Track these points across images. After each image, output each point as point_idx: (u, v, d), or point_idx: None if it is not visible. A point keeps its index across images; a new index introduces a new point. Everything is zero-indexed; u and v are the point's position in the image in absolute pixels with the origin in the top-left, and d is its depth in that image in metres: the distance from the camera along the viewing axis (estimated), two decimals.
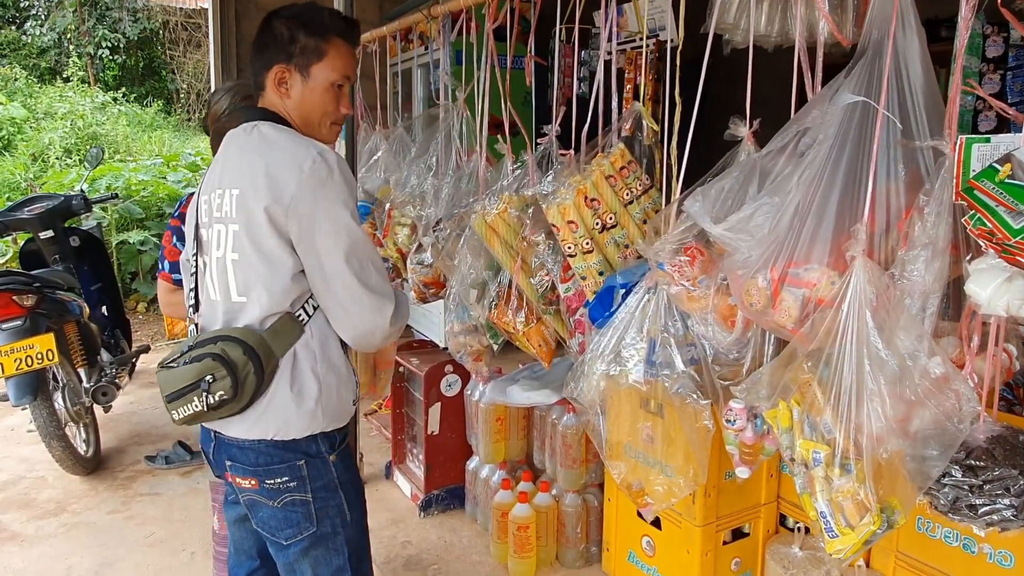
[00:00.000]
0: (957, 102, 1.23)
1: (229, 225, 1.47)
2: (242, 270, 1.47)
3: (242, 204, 1.45)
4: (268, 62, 1.55)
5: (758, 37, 1.83)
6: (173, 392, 1.43)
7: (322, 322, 1.53)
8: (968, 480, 1.26)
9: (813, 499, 1.35)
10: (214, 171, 1.56)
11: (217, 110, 1.91)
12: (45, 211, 3.78)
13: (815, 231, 1.35)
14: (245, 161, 1.47)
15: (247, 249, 1.45)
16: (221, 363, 1.39)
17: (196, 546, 2.92)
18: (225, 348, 1.41)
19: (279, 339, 1.47)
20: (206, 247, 1.55)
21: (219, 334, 1.45)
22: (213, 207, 1.52)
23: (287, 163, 1.43)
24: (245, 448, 1.51)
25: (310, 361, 1.50)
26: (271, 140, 1.48)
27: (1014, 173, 1.09)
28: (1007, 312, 1.11)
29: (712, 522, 2.19)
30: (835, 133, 1.35)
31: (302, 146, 1.46)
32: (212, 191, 1.53)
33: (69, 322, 3.44)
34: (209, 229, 1.53)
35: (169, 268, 1.97)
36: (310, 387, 1.49)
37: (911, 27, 1.34)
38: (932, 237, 1.21)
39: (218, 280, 1.51)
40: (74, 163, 8.86)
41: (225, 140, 1.57)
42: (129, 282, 6.79)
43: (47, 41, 11.85)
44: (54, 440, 3.26)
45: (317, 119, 1.58)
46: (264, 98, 1.58)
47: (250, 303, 1.47)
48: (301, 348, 1.49)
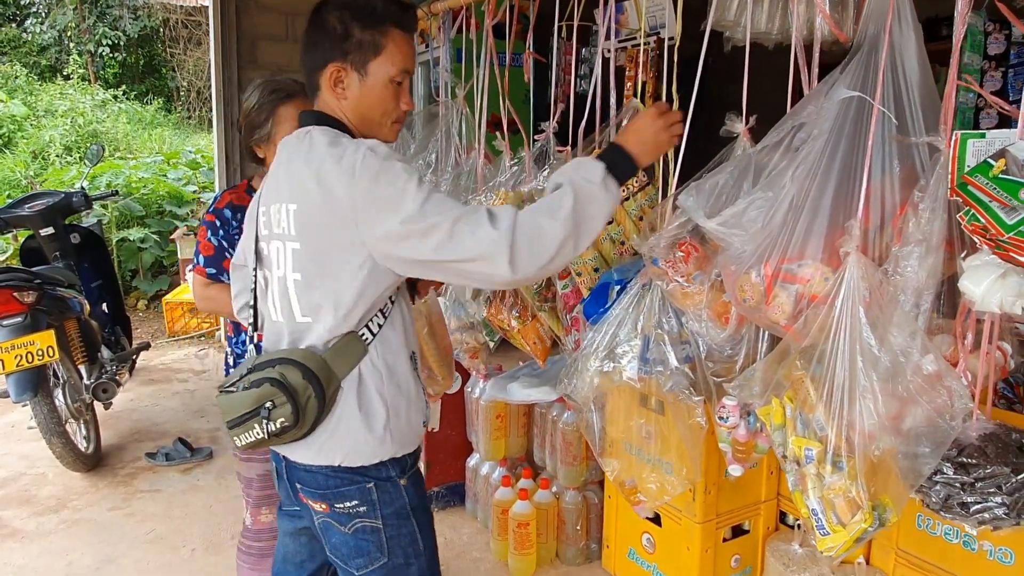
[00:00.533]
0: (953, 97, 1.23)
1: (288, 243, 1.38)
2: (305, 291, 1.38)
3: (300, 220, 1.36)
4: (321, 60, 1.42)
5: (758, 34, 1.83)
6: (233, 419, 1.37)
7: (388, 340, 1.43)
8: (960, 478, 1.26)
9: (805, 497, 1.36)
10: (272, 181, 1.46)
11: (248, 106, 1.91)
12: (46, 208, 3.79)
13: (809, 227, 1.34)
14: (297, 171, 1.37)
15: (309, 269, 1.37)
16: (280, 389, 1.32)
17: (197, 543, 2.93)
18: (284, 372, 1.33)
19: (341, 360, 1.38)
20: (266, 263, 1.46)
21: (278, 356, 1.37)
22: (272, 221, 1.42)
23: (338, 171, 1.30)
24: (313, 472, 1.44)
25: (376, 383, 1.41)
26: (320, 147, 1.35)
27: (1008, 168, 1.08)
28: (1001, 309, 1.10)
29: (712, 519, 2.19)
30: (830, 128, 1.35)
31: (351, 146, 1.32)
32: (270, 203, 1.43)
33: (70, 319, 3.45)
34: (268, 244, 1.45)
35: (204, 263, 1.95)
36: (378, 410, 1.41)
37: (907, 22, 1.33)
38: (926, 233, 1.21)
39: (280, 301, 1.43)
40: (74, 160, 8.86)
41: (279, 147, 1.48)
42: (129, 279, 6.81)
43: (47, 39, 11.85)
44: (55, 437, 3.26)
45: (377, 118, 1.45)
46: (320, 99, 1.45)
47: (315, 323, 1.38)
48: (367, 369, 1.40)
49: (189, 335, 5.88)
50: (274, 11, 5.25)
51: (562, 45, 2.72)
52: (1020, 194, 1.06)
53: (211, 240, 1.95)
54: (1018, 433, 1.29)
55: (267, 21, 5.25)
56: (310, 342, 1.39)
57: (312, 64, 1.44)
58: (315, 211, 1.33)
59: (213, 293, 1.96)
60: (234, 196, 1.97)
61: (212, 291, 1.97)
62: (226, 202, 1.97)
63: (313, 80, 1.45)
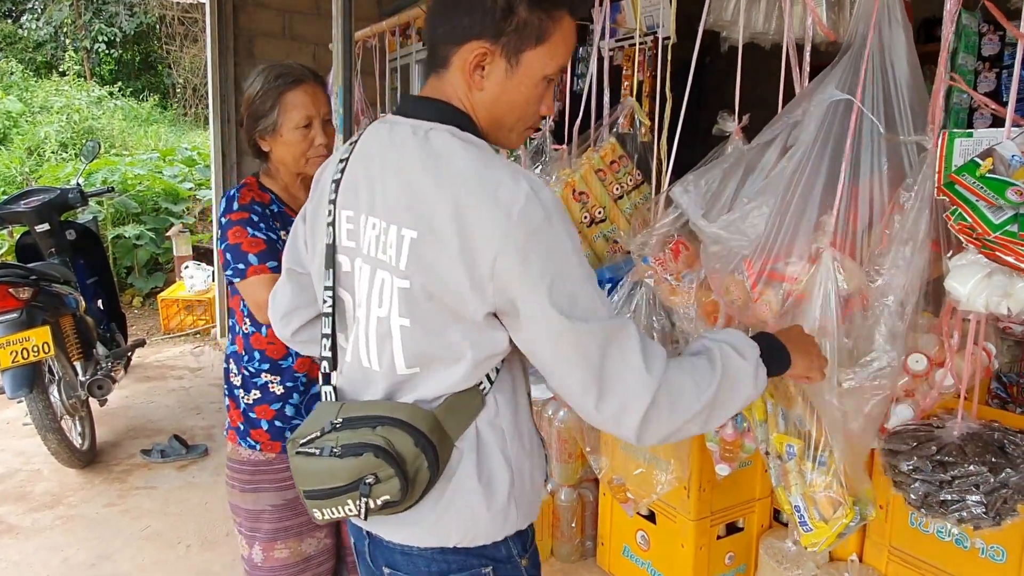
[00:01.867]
0: (941, 96, 1.24)
1: (395, 278, 1.06)
2: (417, 341, 1.07)
3: (418, 254, 1.03)
4: (464, 33, 1.07)
5: (755, 34, 1.84)
6: (320, 490, 1.08)
7: (507, 386, 1.15)
8: (937, 476, 1.27)
9: (787, 493, 1.37)
10: (358, 180, 1.12)
11: (250, 94, 1.68)
12: (41, 204, 3.78)
13: (797, 226, 1.35)
14: (419, 187, 1.03)
15: (422, 315, 1.05)
16: (387, 460, 1.04)
17: (192, 539, 2.93)
18: (390, 438, 1.05)
19: (456, 418, 1.10)
20: (352, 287, 1.15)
21: (379, 413, 1.08)
22: (365, 238, 1.10)
23: (487, 203, 0.99)
24: (414, 555, 1.15)
25: (499, 442, 1.13)
26: (458, 162, 1.03)
27: (995, 167, 1.09)
28: (986, 308, 1.12)
29: (706, 516, 2.20)
30: (818, 128, 1.36)
31: (506, 175, 1.01)
32: (361, 212, 1.11)
33: (65, 315, 3.45)
34: (355, 263, 1.13)
35: (260, 259, 1.61)
36: (501, 476, 1.13)
37: (896, 22, 1.34)
38: (912, 232, 1.22)
39: (377, 346, 1.11)
40: (70, 157, 8.85)
41: (375, 133, 1.14)
42: (124, 277, 6.80)
43: (43, 35, 11.82)
44: (50, 433, 3.27)
45: (512, 122, 1.14)
46: (442, 80, 1.11)
47: (425, 376, 1.10)
48: (486, 426, 1.12)
49: (184, 332, 5.88)
50: (271, 8, 5.25)
51: None
52: (1007, 193, 1.07)
53: (257, 235, 1.63)
54: (1001, 433, 1.31)
55: (264, 18, 5.25)
56: (415, 396, 1.11)
57: (448, 33, 1.09)
58: (443, 249, 1.01)
59: None
60: (254, 193, 1.70)
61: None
62: (249, 199, 1.68)
63: (441, 54, 1.11)
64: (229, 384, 1.78)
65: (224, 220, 1.65)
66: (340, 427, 1.08)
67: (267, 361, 1.70)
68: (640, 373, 0.99)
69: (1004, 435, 1.30)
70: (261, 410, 1.72)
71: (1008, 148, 1.12)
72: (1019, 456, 1.25)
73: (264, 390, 1.71)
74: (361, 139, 1.16)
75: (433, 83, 1.12)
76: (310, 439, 1.09)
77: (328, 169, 1.23)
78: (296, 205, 1.74)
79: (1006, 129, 1.16)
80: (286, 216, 1.71)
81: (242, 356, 1.73)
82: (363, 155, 1.13)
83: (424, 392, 1.10)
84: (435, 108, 1.10)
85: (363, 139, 1.15)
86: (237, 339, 1.76)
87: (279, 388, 1.71)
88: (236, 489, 1.78)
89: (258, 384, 1.72)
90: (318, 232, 1.20)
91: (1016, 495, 1.23)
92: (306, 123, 1.66)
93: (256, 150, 1.73)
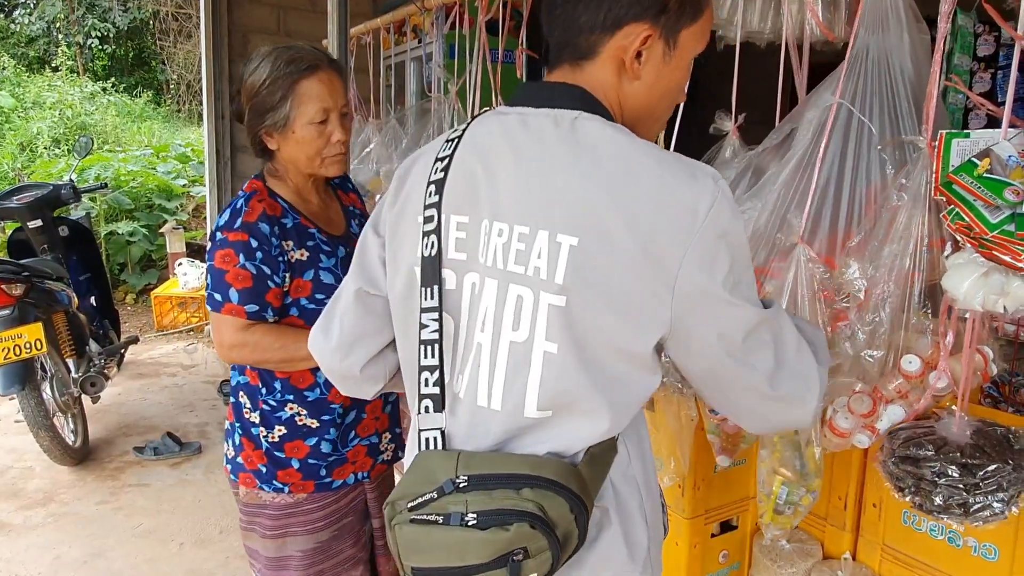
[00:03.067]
0: (935, 97, 1.25)
1: (547, 294, 0.87)
2: (563, 374, 0.89)
3: (584, 266, 0.86)
4: (620, 18, 0.91)
5: (751, 33, 1.84)
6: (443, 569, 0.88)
7: (634, 431, 1.00)
8: (965, 479, 1.26)
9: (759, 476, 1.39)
10: (477, 179, 0.94)
11: (255, 81, 1.44)
12: (34, 200, 3.76)
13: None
14: (575, 186, 0.87)
15: (586, 342, 0.88)
16: (544, 531, 0.85)
17: (184, 537, 2.93)
18: (543, 504, 0.86)
19: (598, 471, 0.93)
20: (448, 301, 0.96)
21: (520, 472, 0.88)
22: (489, 248, 0.92)
23: (670, 203, 0.85)
24: None
25: (635, 496, 0.98)
26: (625, 154, 0.88)
27: (992, 168, 1.10)
28: (983, 307, 1.12)
29: (701, 515, 2.21)
30: (814, 131, 1.36)
31: (686, 171, 0.87)
32: (483, 218, 0.93)
33: (58, 312, 3.44)
34: (463, 277, 0.95)
35: (241, 299, 1.40)
36: (638, 534, 0.98)
37: (902, 24, 1.35)
38: (907, 232, 1.23)
39: (506, 379, 0.92)
40: (62, 153, 8.81)
41: (492, 125, 0.96)
42: (117, 273, 6.78)
43: (36, 30, 11.76)
44: (42, 430, 3.25)
45: (662, 111, 1.01)
46: (582, 71, 0.95)
47: (557, 423, 0.92)
48: (621, 479, 0.97)
49: (178, 329, 5.86)
50: (266, 4, 5.24)
51: None
52: (1004, 193, 1.07)
53: (247, 266, 1.40)
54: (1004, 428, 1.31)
55: (259, 14, 5.24)
56: (547, 448, 0.92)
57: (596, 20, 0.92)
58: (617, 257, 0.85)
59: (256, 338, 1.42)
60: (266, 204, 1.45)
61: (254, 335, 1.42)
62: (259, 213, 1.43)
63: (585, 44, 0.94)
64: (243, 422, 1.54)
65: (219, 236, 1.43)
66: (466, 488, 0.87)
67: (291, 391, 1.50)
68: (812, 363, 0.94)
69: (1007, 430, 1.30)
70: (292, 447, 1.51)
71: (1005, 148, 1.13)
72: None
73: (291, 425, 1.50)
74: (469, 133, 0.98)
75: (566, 74, 0.96)
76: (423, 501, 0.88)
77: (417, 168, 1.02)
78: (310, 212, 1.53)
79: (1003, 130, 1.17)
80: (302, 230, 1.49)
81: (257, 388, 1.51)
82: (479, 151, 0.95)
83: (554, 445, 0.92)
84: (575, 95, 0.93)
85: (473, 133, 0.97)
86: (247, 369, 1.53)
87: (312, 422, 1.51)
88: (256, 534, 1.55)
89: (283, 418, 1.50)
90: (404, 244, 1.00)
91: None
92: (323, 118, 1.44)
93: (260, 148, 1.51)
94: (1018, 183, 1.07)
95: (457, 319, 0.96)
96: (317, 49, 1.49)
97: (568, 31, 0.95)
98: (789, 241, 1.34)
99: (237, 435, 1.55)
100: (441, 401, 0.95)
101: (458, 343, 0.96)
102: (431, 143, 1.05)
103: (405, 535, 0.89)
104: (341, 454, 1.56)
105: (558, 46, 0.96)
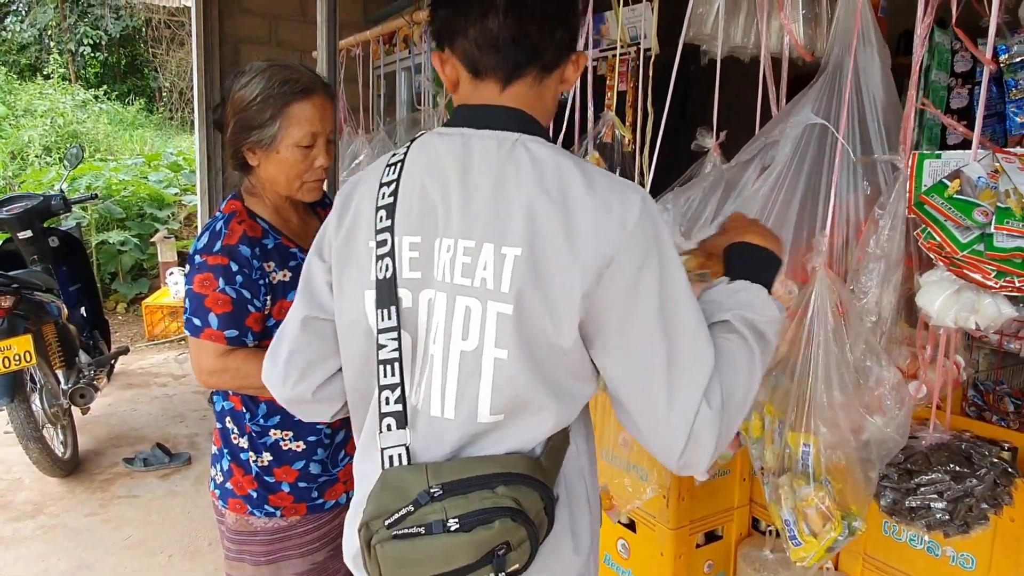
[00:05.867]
0: (912, 118, 1.27)
1: (493, 303, 0.93)
2: (514, 378, 0.94)
3: (527, 274, 0.92)
4: (570, 41, 1.02)
5: (734, 48, 1.87)
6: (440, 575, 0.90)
7: (582, 425, 1.06)
8: (904, 483, 1.30)
9: (779, 507, 1.39)
10: (432, 200, 0.98)
11: (244, 97, 1.42)
12: (24, 211, 3.76)
13: None
14: (520, 200, 0.93)
15: (534, 346, 0.93)
16: (524, 523, 0.90)
17: (174, 548, 2.92)
18: (518, 497, 0.90)
19: (555, 461, 0.99)
20: (406, 320, 0.99)
21: (491, 472, 0.92)
22: (439, 264, 0.97)
23: (601, 212, 0.92)
24: None
25: (582, 486, 1.04)
26: (563, 173, 0.95)
27: (962, 189, 1.13)
28: (955, 323, 1.15)
29: (685, 525, 2.22)
30: (792, 148, 1.39)
31: (617, 184, 0.96)
32: (435, 236, 0.97)
33: (47, 323, 3.43)
34: (418, 295, 0.99)
35: (220, 323, 1.38)
36: (582, 522, 1.03)
37: (872, 44, 1.38)
38: (886, 250, 1.25)
39: (458, 388, 0.96)
40: (54, 161, 8.78)
41: (438, 147, 1.01)
42: (108, 283, 6.76)
43: (27, 37, 11.73)
44: (31, 442, 3.25)
45: None
46: (539, 86, 1.01)
47: (509, 426, 0.96)
48: (570, 472, 1.03)
49: (168, 339, 5.85)
50: (257, 14, 5.25)
51: None
52: (973, 214, 1.10)
53: (226, 291, 1.38)
54: (969, 443, 1.34)
55: (250, 25, 5.25)
56: (506, 447, 0.96)
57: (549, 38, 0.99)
58: (552, 260, 0.92)
59: (236, 364, 1.40)
60: (246, 226, 1.44)
61: (234, 361, 1.40)
62: (239, 235, 1.41)
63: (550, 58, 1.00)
64: (231, 448, 1.52)
65: (198, 259, 1.40)
66: (441, 496, 0.89)
67: (276, 413, 1.48)
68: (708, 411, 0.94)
69: (972, 445, 1.33)
70: (281, 472, 1.49)
71: (975, 170, 1.15)
72: (983, 465, 1.29)
73: (276, 450, 1.49)
74: (412, 155, 1.02)
75: (517, 90, 1.00)
76: (401, 516, 0.89)
77: (360, 194, 1.05)
78: (290, 231, 1.52)
79: (973, 151, 1.19)
80: (284, 251, 1.47)
81: (242, 414, 1.50)
82: (426, 171, 0.99)
83: (510, 445, 0.96)
84: (515, 118, 0.99)
85: (416, 154, 1.02)
86: (230, 395, 1.51)
87: (298, 444, 1.50)
88: (246, 563, 1.52)
89: (268, 444, 1.49)
90: (353, 269, 1.03)
91: (982, 503, 1.26)
92: (310, 142, 1.43)
93: (239, 162, 1.49)
94: (987, 204, 1.09)
95: (415, 335, 0.99)
96: (313, 72, 1.49)
97: (541, 46, 0.99)
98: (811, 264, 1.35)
99: (226, 461, 1.53)
100: (404, 418, 0.97)
101: (416, 358, 1.00)
102: (370, 167, 1.08)
103: (389, 553, 0.90)
104: (332, 474, 1.55)
105: (526, 59, 1.00)
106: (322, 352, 1.11)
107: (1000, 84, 1.79)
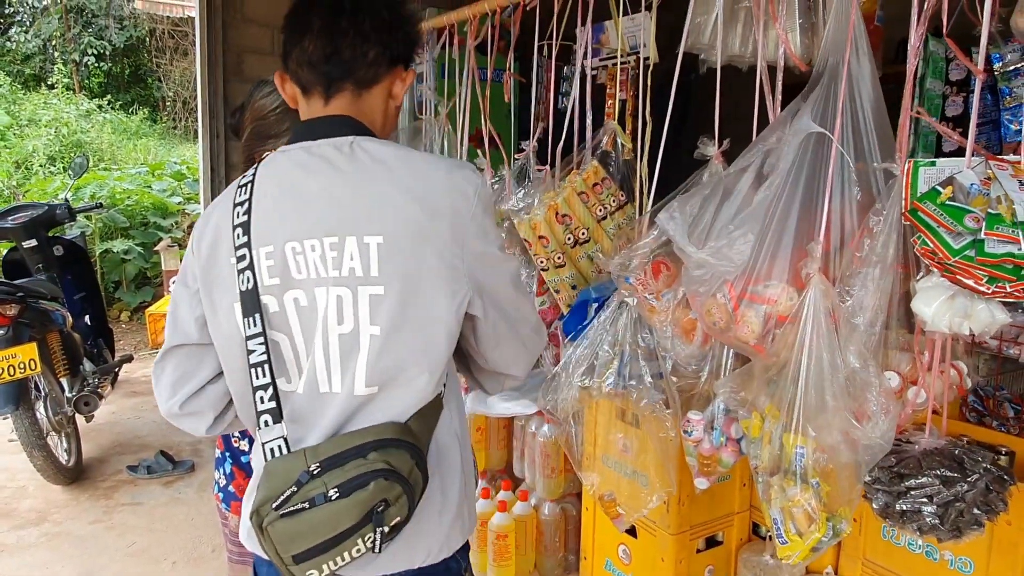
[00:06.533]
0: (907, 126, 1.29)
1: (365, 287, 1.04)
2: (386, 351, 1.05)
3: (393, 257, 1.04)
4: (390, 60, 1.15)
5: (733, 57, 1.89)
6: (320, 543, 0.98)
7: (455, 392, 1.20)
8: (894, 487, 1.31)
9: (768, 507, 1.40)
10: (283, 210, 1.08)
11: (264, 106, 1.47)
12: (28, 220, 3.79)
13: (775, 249, 1.40)
14: (372, 192, 1.05)
15: (404, 320, 1.04)
16: (396, 480, 1.00)
17: (177, 555, 2.93)
18: (388, 459, 1.00)
19: (424, 427, 1.09)
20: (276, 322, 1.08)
21: (362, 442, 1.02)
22: (307, 264, 1.06)
23: (449, 190, 1.07)
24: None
25: (456, 448, 1.16)
26: (408, 160, 1.09)
27: (955, 195, 1.14)
28: (950, 329, 1.16)
29: (686, 530, 2.23)
30: (793, 157, 1.40)
31: (453, 165, 1.12)
32: (290, 241, 1.06)
33: (52, 331, 3.46)
34: (282, 297, 1.07)
35: None
36: (454, 483, 1.15)
37: (863, 53, 1.40)
38: (881, 256, 1.27)
39: (341, 365, 1.06)
40: (58, 171, 8.83)
41: (280, 165, 1.11)
42: (112, 291, 6.79)
43: (32, 47, 11.80)
44: (36, 450, 3.26)
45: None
46: (364, 96, 1.15)
47: (388, 394, 1.07)
48: (444, 434, 1.14)
49: None
50: (260, 25, 5.29)
51: (544, 63, 2.77)
52: (965, 220, 1.11)
53: None
54: (963, 449, 1.35)
55: (254, 34, 5.29)
56: (382, 417, 1.07)
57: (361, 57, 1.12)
58: (415, 240, 1.04)
59: None
60: None
61: None
62: None
63: (368, 74, 1.13)
64: (232, 451, 1.55)
65: None
66: (319, 473, 0.98)
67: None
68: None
69: (966, 451, 1.34)
70: None
71: (967, 177, 1.17)
72: (976, 471, 1.30)
73: None
74: (260, 175, 1.12)
75: (339, 103, 1.13)
76: (286, 498, 0.98)
77: (216, 218, 1.14)
78: None
79: (966, 158, 1.21)
80: None
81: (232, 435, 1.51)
82: (274, 185, 1.10)
83: (385, 416, 1.07)
84: (345, 124, 1.12)
85: (264, 173, 1.12)
86: None
87: None
88: (249, 565, 1.48)
89: None
90: (219, 287, 1.11)
91: (973, 508, 1.27)
92: None
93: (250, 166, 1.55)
94: (978, 210, 1.11)
95: (289, 333, 1.08)
96: None
97: (358, 62, 1.11)
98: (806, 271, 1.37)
99: (228, 464, 1.56)
100: (279, 413, 1.06)
101: (297, 352, 1.09)
102: (224, 193, 1.17)
103: (278, 530, 0.98)
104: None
105: (345, 74, 1.12)
106: (187, 369, 1.19)
107: (995, 92, 1.81)
